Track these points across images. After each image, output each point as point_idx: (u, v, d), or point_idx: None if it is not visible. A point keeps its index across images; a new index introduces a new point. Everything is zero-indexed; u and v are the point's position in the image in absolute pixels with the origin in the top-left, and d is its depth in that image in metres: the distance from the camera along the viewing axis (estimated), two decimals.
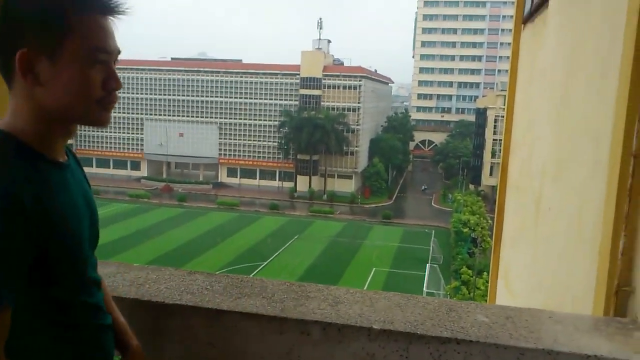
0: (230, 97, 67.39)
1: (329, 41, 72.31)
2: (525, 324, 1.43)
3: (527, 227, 3.51)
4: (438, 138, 79.62)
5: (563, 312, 1.56)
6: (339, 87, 65.34)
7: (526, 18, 4.39)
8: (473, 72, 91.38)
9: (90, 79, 1.11)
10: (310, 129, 59.97)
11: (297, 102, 65.40)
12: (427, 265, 36.19)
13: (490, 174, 58.21)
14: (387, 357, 1.37)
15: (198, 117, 68.66)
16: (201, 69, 69.07)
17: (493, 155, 58.22)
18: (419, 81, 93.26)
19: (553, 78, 3.03)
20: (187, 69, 68.68)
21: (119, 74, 1.17)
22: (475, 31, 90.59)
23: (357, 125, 64.55)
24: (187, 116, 68.58)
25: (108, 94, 1.15)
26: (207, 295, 1.54)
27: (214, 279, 1.68)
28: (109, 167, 67.98)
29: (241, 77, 67.48)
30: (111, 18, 1.15)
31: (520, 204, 4.04)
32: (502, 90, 59.02)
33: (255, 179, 67.55)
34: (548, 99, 3.14)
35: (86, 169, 1.33)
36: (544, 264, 2.80)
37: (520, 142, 4.32)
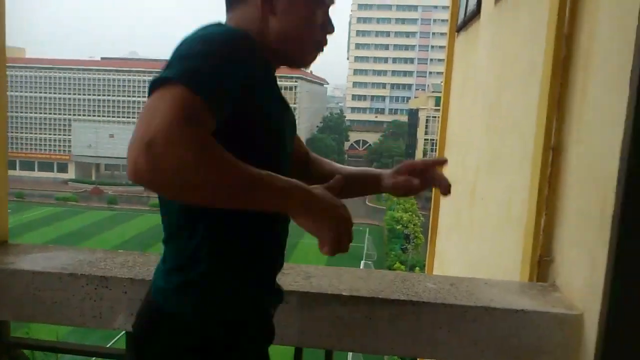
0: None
1: None
2: (466, 288, 1.72)
3: (461, 217, 3.87)
4: (372, 138, 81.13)
5: (496, 279, 1.86)
6: None
7: (460, 27, 4.78)
8: (405, 74, 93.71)
9: (316, 20, 1.19)
10: None
11: None
12: (362, 262, 36.91)
13: None
14: (354, 319, 1.62)
15: (130, 117, 66.92)
16: (132, 69, 67.41)
17: (424, 154, 59.99)
18: (353, 82, 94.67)
19: (486, 82, 3.39)
20: (117, 68, 66.86)
21: (41, 74, 1.16)
22: (408, 34, 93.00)
23: None
24: (119, 117, 66.76)
25: (323, 37, 1.23)
26: None
27: None
28: (34, 170, 65.14)
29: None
30: None
31: (455, 197, 4.40)
32: (433, 91, 61.01)
33: None
34: (481, 101, 3.50)
35: (9, 172, 1.40)
36: (478, 246, 3.15)
37: (455, 140, 4.70)
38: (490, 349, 1.58)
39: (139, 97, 66.40)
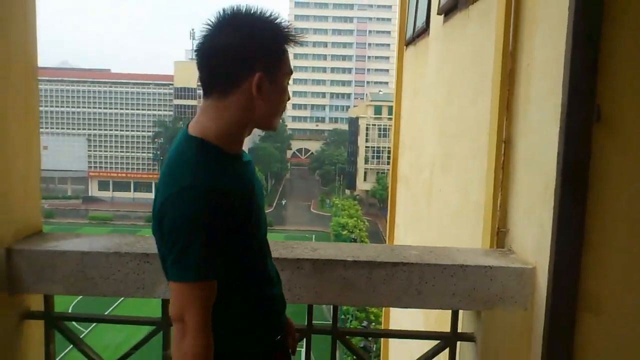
0: (99, 108, 64.61)
1: None
2: (443, 254, 2.15)
3: (420, 210, 4.35)
4: (314, 146, 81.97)
5: (464, 247, 2.31)
6: None
7: (408, 41, 5.28)
8: (344, 83, 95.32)
9: (286, 95, 1.50)
10: None
11: (171, 113, 64.32)
12: None
13: (365, 179, 61.41)
14: (357, 279, 2.02)
15: (64, 128, 65.02)
16: (65, 79, 65.49)
17: (366, 161, 61.48)
18: (293, 92, 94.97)
19: (437, 92, 3.88)
20: (49, 78, 64.61)
21: None
22: (344, 45, 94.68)
23: None
24: (51, 128, 64.62)
25: (285, 106, 1.54)
26: None
27: None
28: None
29: (110, 87, 65.03)
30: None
31: (411, 194, 4.89)
32: (371, 100, 62.52)
33: (130, 191, 65.20)
34: (433, 109, 3.99)
35: None
36: (438, 232, 3.62)
37: (408, 144, 5.19)
38: (465, 297, 2.02)
39: (74, 107, 64.57)
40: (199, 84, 1.52)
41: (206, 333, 1.35)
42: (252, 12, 1.42)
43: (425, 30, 4.43)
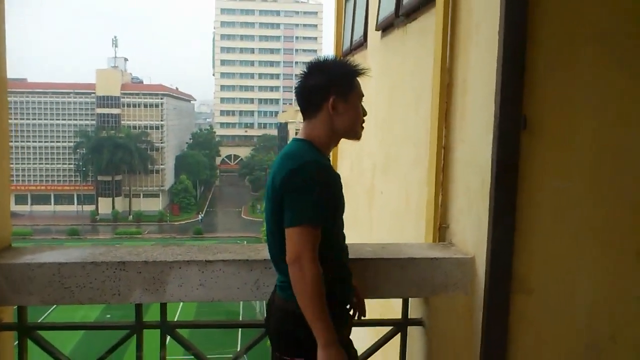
0: (15, 119, 61.33)
1: (126, 59, 70.19)
2: (394, 248, 2.40)
3: (361, 212, 4.61)
4: (243, 152, 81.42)
5: (411, 242, 2.57)
6: (139, 106, 63.76)
7: (345, 53, 5.55)
8: (272, 89, 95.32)
9: (360, 112, 1.99)
10: (111, 148, 57.47)
11: (94, 122, 62.13)
12: None
13: None
14: None
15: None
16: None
17: None
18: (221, 98, 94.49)
19: (377, 102, 4.15)
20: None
21: None
22: (272, 51, 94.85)
23: (161, 143, 63.53)
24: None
25: (363, 119, 2.02)
26: (195, 254, 2.25)
27: (190, 248, 2.37)
28: None
29: (27, 96, 61.91)
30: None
31: (351, 196, 5.14)
32: None
33: (50, 204, 62.31)
34: (373, 117, 4.26)
35: None
36: (380, 231, 3.88)
37: (348, 149, 5.46)
38: (415, 286, 2.28)
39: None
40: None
41: (317, 264, 1.77)
42: (327, 58, 2.01)
43: (362, 43, 4.71)
